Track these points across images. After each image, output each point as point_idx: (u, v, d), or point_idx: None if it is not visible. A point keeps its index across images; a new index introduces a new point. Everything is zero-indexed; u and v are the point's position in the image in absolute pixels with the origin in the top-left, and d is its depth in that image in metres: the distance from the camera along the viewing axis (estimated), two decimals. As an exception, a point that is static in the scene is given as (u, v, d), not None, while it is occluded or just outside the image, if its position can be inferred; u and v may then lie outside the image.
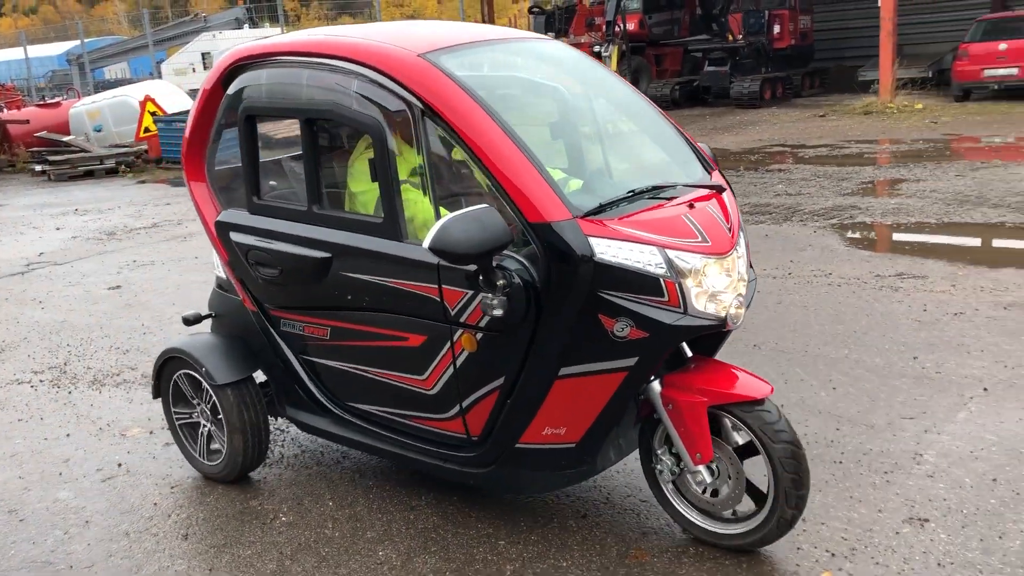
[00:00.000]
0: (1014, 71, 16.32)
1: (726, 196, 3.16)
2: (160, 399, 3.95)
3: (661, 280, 2.72)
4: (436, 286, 2.96)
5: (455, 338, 3.01)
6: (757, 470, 2.99)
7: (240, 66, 3.47)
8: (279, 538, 3.40)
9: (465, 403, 3.11)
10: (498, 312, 2.75)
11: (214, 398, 3.67)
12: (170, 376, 3.83)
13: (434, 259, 2.87)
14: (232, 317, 3.78)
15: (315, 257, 3.23)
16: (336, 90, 3.19)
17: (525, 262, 2.79)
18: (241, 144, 3.44)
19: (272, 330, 3.59)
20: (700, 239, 2.86)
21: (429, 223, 2.95)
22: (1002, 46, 16.43)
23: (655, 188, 3.02)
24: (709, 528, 3.13)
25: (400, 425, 3.35)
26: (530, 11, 24.08)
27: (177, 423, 3.92)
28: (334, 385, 3.52)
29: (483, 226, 2.62)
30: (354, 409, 3.49)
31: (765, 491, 2.97)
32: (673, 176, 3.18)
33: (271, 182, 3.74)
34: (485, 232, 2.61)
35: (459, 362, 3.05)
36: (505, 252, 2.78)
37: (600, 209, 2.80)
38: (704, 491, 3.10)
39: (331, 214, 3.29)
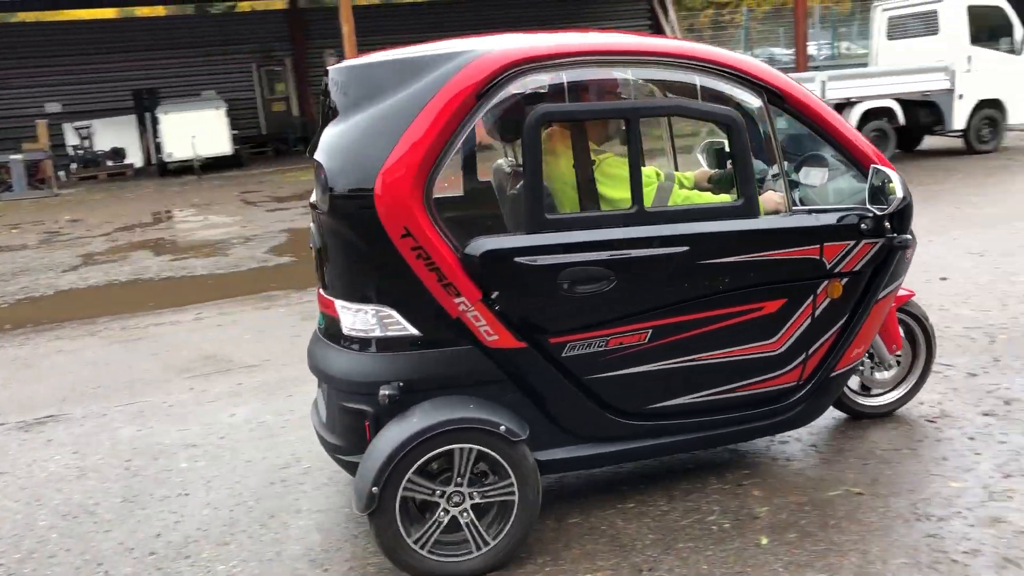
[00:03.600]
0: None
1: None
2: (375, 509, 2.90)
3: None
4: (817, 246, 3.32)
5: (819, 290, 3.37)
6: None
7: (514, 72, 3.01)
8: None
9: (811, 349, 3.44)
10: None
11: (506, 466, 3.01)
12: (414, 461, 2.91)
13: (815, 223, 3.33)
14: (446, 374, 3.08)
15: (670, 254, 3.15)
16: (678, 88, 3.36)
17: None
18: (528, 156, 2.99)
19: (546, 362, 3.14)
20: None
21: (692, 198, 3.41)
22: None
23: None
24: (870, 403, 4.09)
25: (712, 404, 3.38)
26: None
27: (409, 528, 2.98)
28: (629, 393, 3.28)
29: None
30: (654, 411, 3.34)
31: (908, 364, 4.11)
32: None
33: None
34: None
35: (818, 312, 3.40)
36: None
37: None
38: (883, 375, 4.08)
39: (673, 210, 3.28)
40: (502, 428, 2.96)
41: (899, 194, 3.31)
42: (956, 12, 13.10)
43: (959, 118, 13.11)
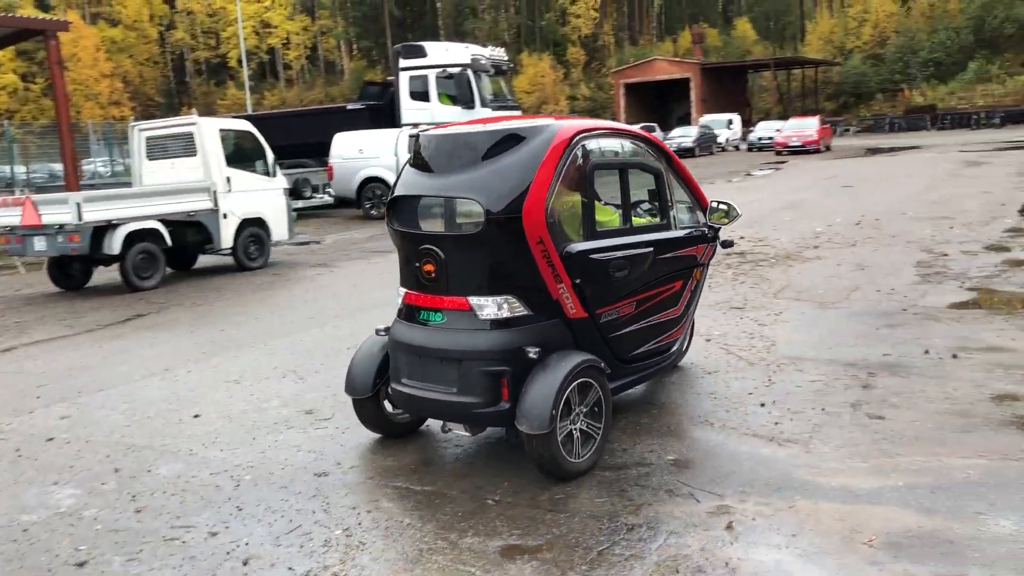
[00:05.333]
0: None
1: None
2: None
3: None
4: (695, 247, 5.56)
5: (693, 275, 5.56)
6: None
7: (580, 137, 4.75)
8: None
9: (688, 313, 5.67)
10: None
11: (600, 392, 4.60)
12: (566, 390, 4.38)
13: (695, 233, 5.57)
14: (551, 337, 4.59)
15: (647, 252, 5.05)
16: (637, 152, 5.41)
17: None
18: (587, 190, 4.79)
19: (593, 326, 4.80)
20: None
21: (638, 221, 5.41)
22: None
23: None
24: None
25: (649, 352, 5.29)
26: None
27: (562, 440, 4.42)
28: (625, 346, 5.06)
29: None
30: (629, 357, 5.13)
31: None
32: None
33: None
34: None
35: (693, 289, 5.62)
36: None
37: None
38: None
39: (640, 226, 5.32)
40: (602, 365, 4.65)
41: (738, 212, 5.71)
42: (210, 135, 13.23)
43: (226, 237, 13.12)
